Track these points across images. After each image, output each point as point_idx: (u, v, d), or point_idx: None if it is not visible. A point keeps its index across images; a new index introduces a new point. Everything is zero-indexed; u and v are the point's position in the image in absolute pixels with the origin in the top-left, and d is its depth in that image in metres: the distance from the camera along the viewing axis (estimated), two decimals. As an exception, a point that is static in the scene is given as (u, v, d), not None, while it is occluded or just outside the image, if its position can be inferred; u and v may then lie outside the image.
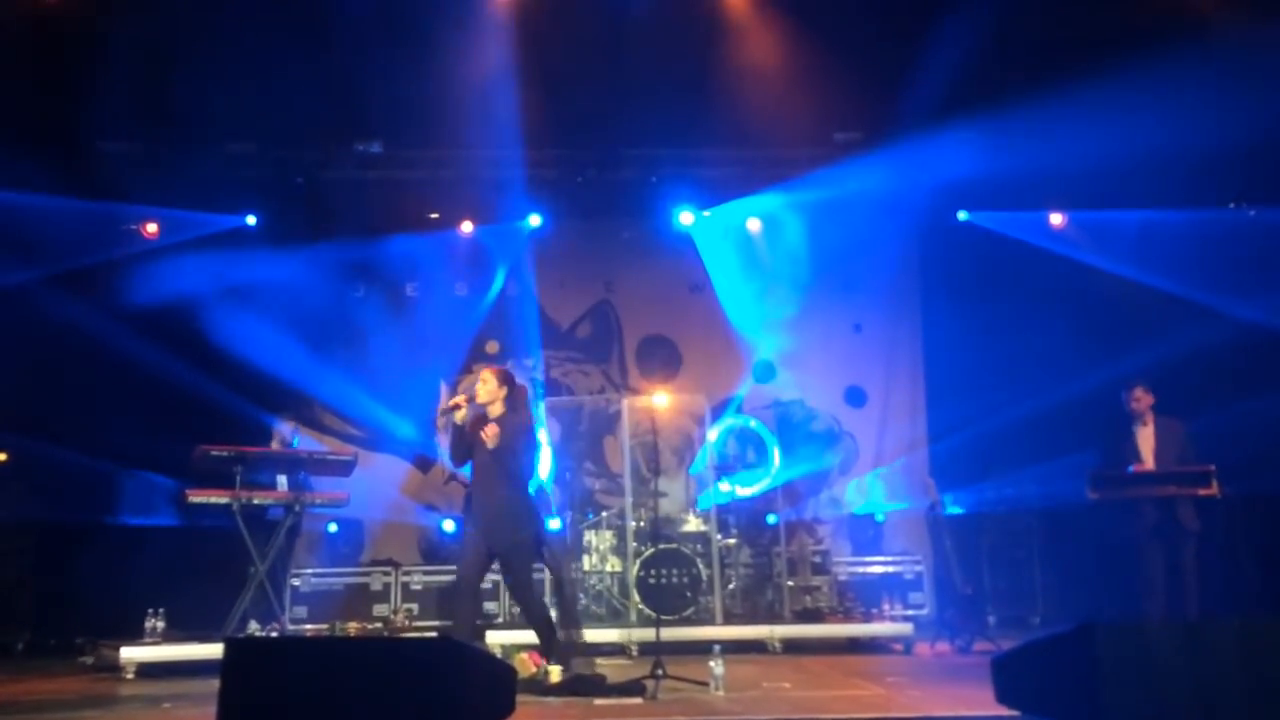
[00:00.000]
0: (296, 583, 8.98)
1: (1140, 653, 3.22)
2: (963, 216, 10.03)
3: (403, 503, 9.99)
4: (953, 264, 10.05)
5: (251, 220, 9.82)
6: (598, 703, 5.23)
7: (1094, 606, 8.33)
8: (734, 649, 6.90)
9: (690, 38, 7.82)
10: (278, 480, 7.58)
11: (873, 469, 10.37)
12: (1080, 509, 7.42)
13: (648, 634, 6.88)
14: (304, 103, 8.15)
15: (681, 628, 7.54)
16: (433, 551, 9.72)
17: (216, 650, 3.47)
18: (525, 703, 4.94)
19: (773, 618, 8.17)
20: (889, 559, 9.48)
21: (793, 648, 7.53)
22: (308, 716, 3.25)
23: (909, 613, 8.77)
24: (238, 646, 3.56)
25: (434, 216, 10.07)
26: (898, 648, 7.57)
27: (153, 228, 9.53)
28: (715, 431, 9.43)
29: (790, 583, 8.49)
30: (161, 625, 6.84)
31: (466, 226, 10.22)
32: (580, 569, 8.47)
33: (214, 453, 6.85)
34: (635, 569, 8.06)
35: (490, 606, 8.71)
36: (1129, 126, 7.51)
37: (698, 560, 8.07)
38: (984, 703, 4.15)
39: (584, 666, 6.10)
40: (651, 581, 8.00)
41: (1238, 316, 8.27)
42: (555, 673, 5.71)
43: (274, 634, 7.01)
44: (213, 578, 7.62)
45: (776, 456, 9.90)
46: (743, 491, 9.02)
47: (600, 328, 10.76)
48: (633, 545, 8.21)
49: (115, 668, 6.58)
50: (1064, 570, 9.25)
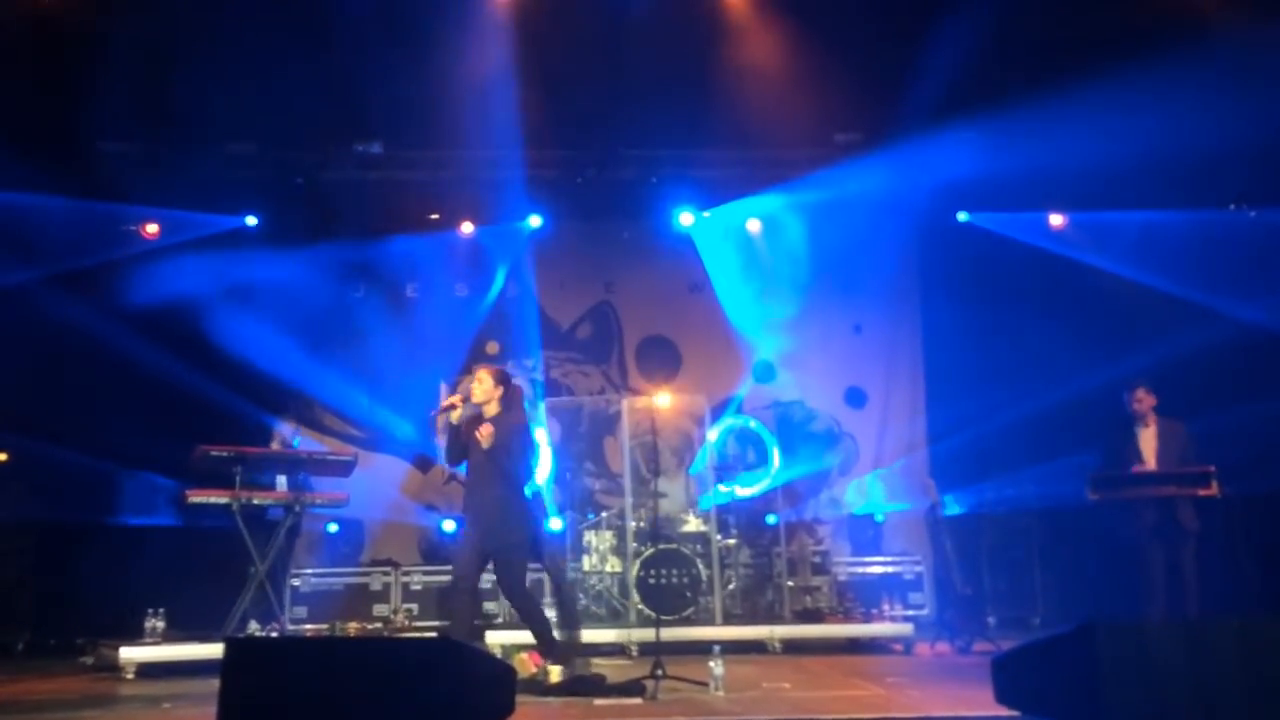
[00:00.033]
0: (296, 583, 8.98)
1: (1140, 653, 3.23)
2: (963, 217, 10.03)
3: (403, 503, 9.99)
4: (953, 265, 10.05)
5: (252, 221, 9.83)
6: (597, 703, 5.23)
7: (1094, 607, 8.31)
8: (734, 649, 6.89)
9: (690, 38, 7.81)
10: (278, 480, 7.60)
11: (873, 470, 10.37)
12: (1080, 509, 7.42)
13: (647, 634, 6.88)
14: (304, 103, 8.15)
15: (681, 628, 7.55)
16: (433, 552, 9.72)
17: (216, 650, 3.48)
18: (525, 703, 4.94)
19: (772, 618, 8.18)
20: (889, 559, 9.48)
21: (792, 648, 7.54)
22: (307, 716, 3.25)
23: (909, 613, 8.76)
24: (238, 646, 3.56)
25: (434, 217, 10.06)
26: (898, 648, 7.57)
27: (153, 228, 9.54)
28: (715, 432, 9.42)
29: (790, 583, 8.49)
30: (161, 625, 6.85)
31: (467, 227, 10.22)
32: (580, 569, 8.47)
33: (214, 453, 6.86)
34: (635, 569, 8.06)
35: (490, 607, 8.70)
36: (1129, 127, 7.51)
37: (698, 560, 8.07)
38: (984, 703, 4.15)
39: (582, 667, 6.11)
40: (651, 582, 8.00)
41: (1238, 317, 8.26)
42: (555, 673, 5.71)
43: (274, 634, 7.02)
44: (213, 578, 7.62)
45: (776, 457, 9.89)
46: (743, 492, 9.02)
47: (600, 328, 10.76)
48: (633, 545, 8.21)
49: (115, 668, 6.59)
50: (1064, 571, 9.25)
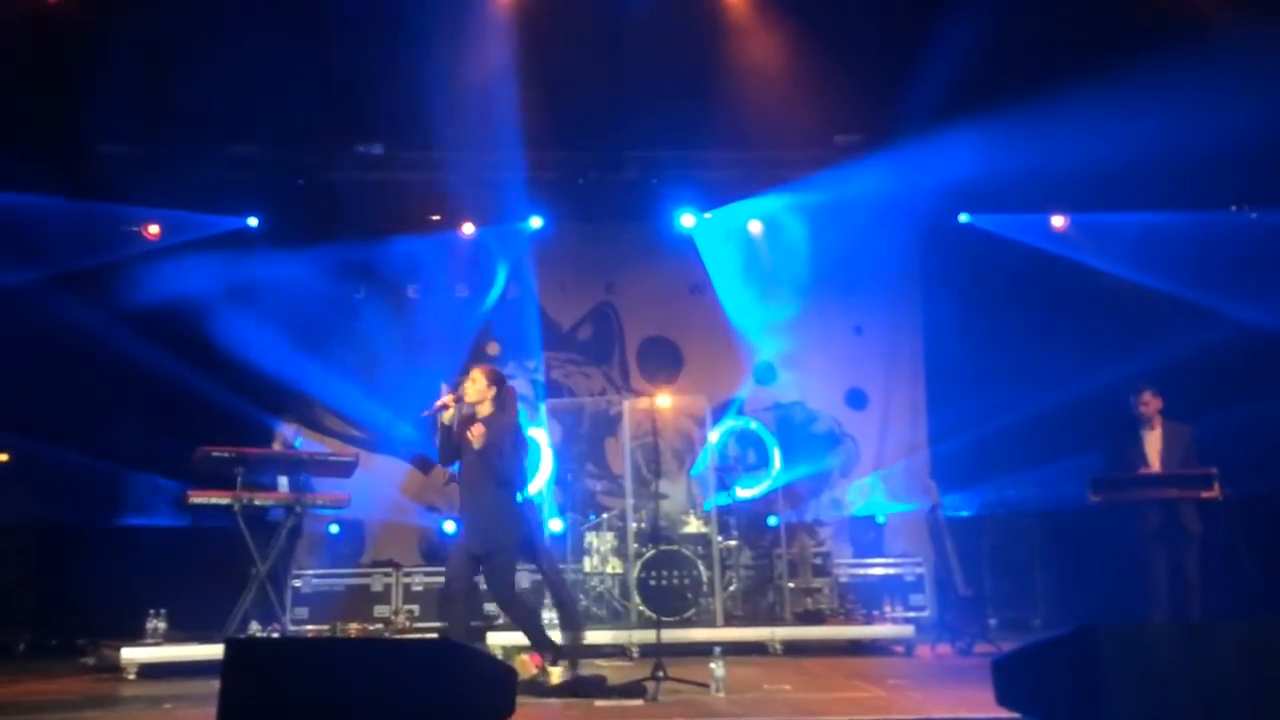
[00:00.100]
0: (298, 584, 8.98)
1: (1140, 655, 3.22)
2: (964, 219, 10.02)
3: (404, 504, 9.99)
4: (953, 266, 10.05)
5: (253, 222, 9.83)
6: (598, 704, 5.23)
7: (1095, 609, 8.31)
8: (735, 651, 6.89)
9: (692, 39, 7.81)
10: (279, 481, 7.60)
11: (873, 471, 10.36)
12: (1081, 511, 7.43)
13: (648, 636, 6.88)
14: (306, 104, 8.15)
15: (682, 629, 7.55)
16: (434, 553, 9.71)
17: (218, 651, 3.48)
18: (525, 704, 4.94)
19: (773, 620, 8.17)
20: (890, 561, 9.46)
21: (793, 650, 7.54)
22: (307, 717, 3.25)
23: (910, 615, 8.74)
24: (238, 647, 3.57)
25: (435, 218, 10.06)
26: (899, 650, 7.56)
27: (154, 229, 9.54)
28: (716, 433, 9.42)
29: (791, 584, 8.48)
30: (163, 626, 6.85)
31: (468, 228, 10.22)
32: (581, 570, 8.47)
33: (215, 454, 6.87)
34: (636, 570, 8.06)
35: (491, 608, 8.69)
36: (1130, 128, 7.50)
37: (698, 562, 8.07)
38: (985, 705, 4.15)
39: (583, 668, 6.11)
40: (652, 583, 8.00)
41: (1239, 318, 8.25)
42: (556, 674, 5.72)
43: (275, 635, 7.02)
44: (214, 579, 7.63)
45: (777, 458, 9.90)
46: (744, 493, 9.02)
47: (601, 329, 10.76)
48: (633, 547, 8.20)
49: (116, 668, 6.59)
50: (1065, 572, 9.23)
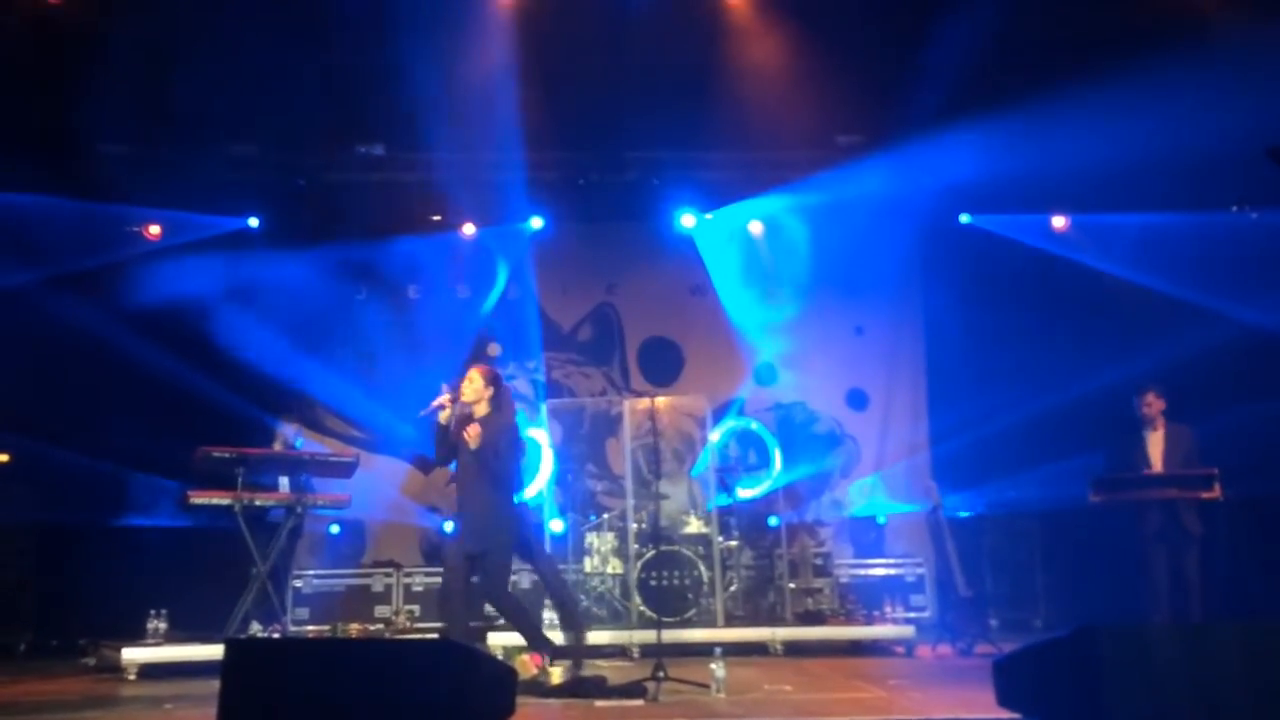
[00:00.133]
0: (298, 584, 8.98)
1: (1141, 656, 3.22)
2: (965, 219, 10.02)
3: (404, 504, 9.99)
4: (954, 267, 10.04)
5: (254, 222, 9.83)
6: (598, 705, 5.22)
7: (1096, 610, 8.31)
8: (735, 651, 6.89)
9: (692, 40, 7.81)
10: (280, 482, 7.60)
11: (874, 471, 10.35)
12: (1082, 512, 7.42)
13: (649, 636, 6.89)
14: (306, 105, 8.15)
15: (683, 630, 7.55)
16: (434, 553, 9.71)
17: (218, 651, 3.47)
18: (526, 705, 4.94)
19: (774, 620, 8.17)
20: (891, 561, 9.45)
21: (794, 650, 7.53)
22: (307, 718, 3.25)
23: (911, 615, 8.74)
24: (238, 648, 3.56)
25: (436, 219, 10.06)
26: (899, 650, 7.56)
27: (155, 229, 9.55)
28: (717, 434, 9.42)
29: (792, 585, 8.48)
30: (163, 626, 6.86)
31: (468, 229, 10.22)
32: (582, 571, 8.47)
33: (216, 454, 6.87)
34: (637, 571, 8.06)
35: (490, 608, 8.68)
36: (1131, 129, 7.49)
37: (699, 562, 8.07)
38: (986, 705, 4.14)
39: (584, 668, 6.11)
40: (653, 583, 8.00)
41: (1240, 319, 8.24)
42: (556, 674, 5.72)
43: (275, 635, 7.02)
44: (215, 579, 7.63)
45: (778, 459, 9.89)
46: (744, 494, 9.01)
47: (602, 330, 10.76)
48: (634, 547, 8.20)
49: (117, 669, 6.60)
50: (1066, 573, 9.23)
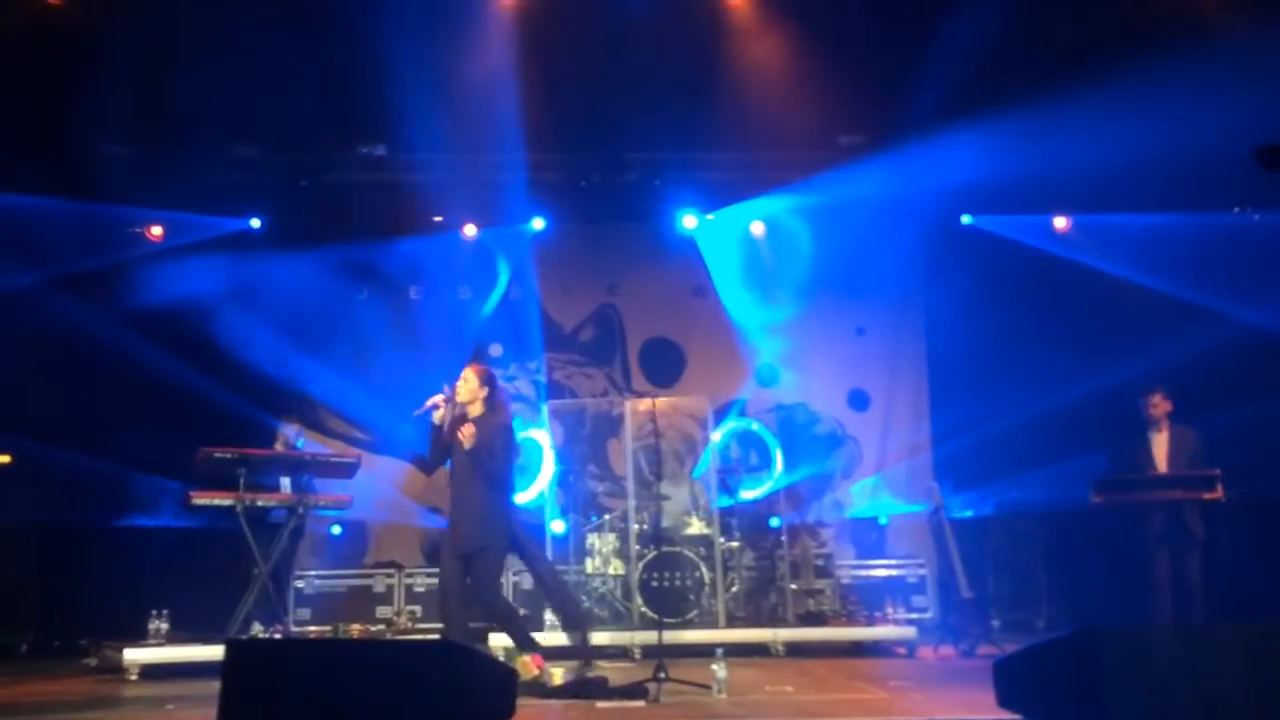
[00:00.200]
0: (300, 584, 8.98)
1: (1141, 657, 3.21)
2: (966, 220, 10.01)
3: (406, 505, 9.99)
4: (956, 267, 10.02)
5: (255, 223, 9.83)
6: (600, 706, 5.23)
7: (1098, 611, 8.30)
8: (737, 652, 6.88)
9: (694, 41, 7.81)
10: (281, 482, 7.61)
11: (876, 472, 10.35)
12: (1084, 513, 7.41)
13: (650, 637, 6.89)
14: (308, 106, 8.17)
15: (684, 631, 7.55)
16: (436, 553, 9.67)
17: (220, 652, 3.47)
18: (527, 705, 4.94)
19: (776, 621, 8.17)
20: (892, 562, 9.44)
21: (796, 651, 7.53)
22: (307, 718, 3.25)
23: (912, 616, 8.72)
24: (238, 648, 3.56)
25: (437, 219, 10.06)
26: (901, 651, 7.55)
27: (157, 230, 9.56)
28: (718, 434, 9.42)
29: (793, 586, 8.47)
30: (165, 627, 6.87)
31: (470, 230, 10.22)
32: (583, 572, 8.47)
33: (217, 455, 6.87)
34: (638, 572, 8.06)
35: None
36: (1133, 129, 7.47)
37: (700, 563, 8.06)
38: (987, 707, 4.13)
39: (586, 669, 6.10)
40: (654, 584, 8.00)
41: (1243, 320, 8.23)
42: (557, 675, 5.72)
43: (277, 635, 7.02)
44: (217, 579, 7.64)
45: (779, 460, 9.89)
46: (746, 495, 9.01)
47: (603, 331, 10.76)
48: (635, 548, 8.20)
49: (119, 669, 6.61)
50: (1068, 574, 9.22)
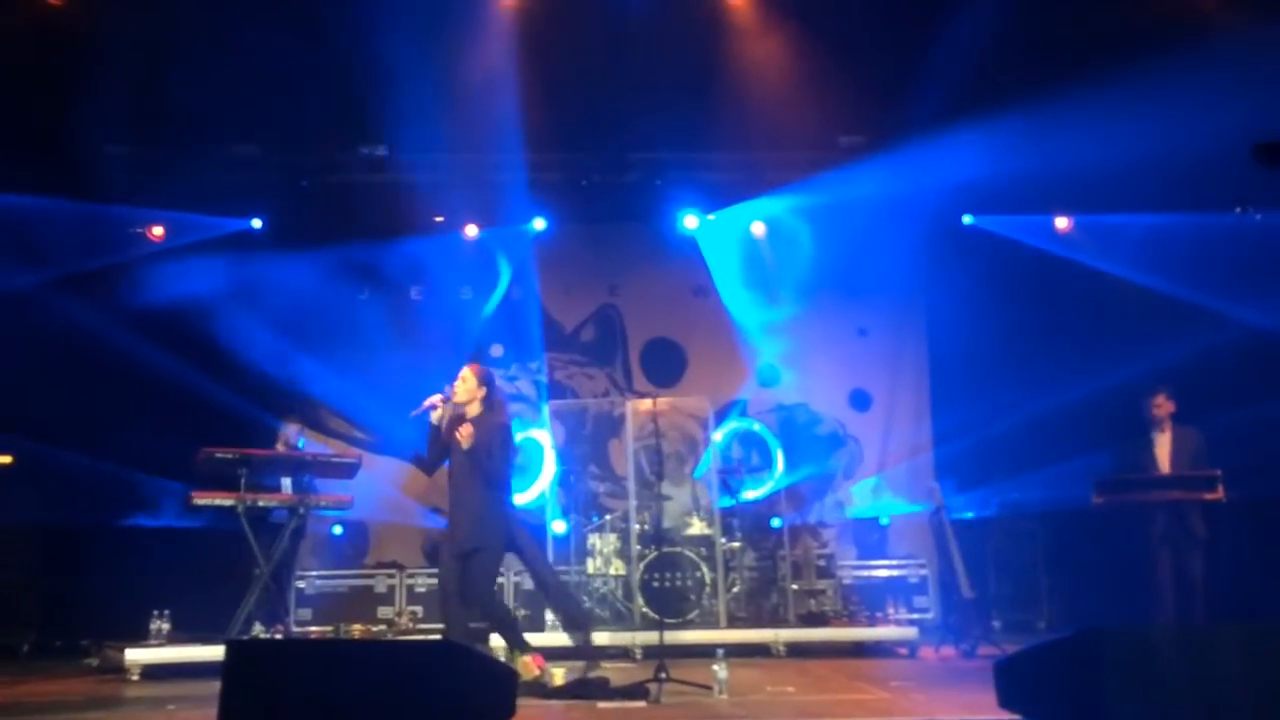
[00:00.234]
0: (301, 585, 8.98)
1: (1142, 658, 3.21)
2: (967, 220, 10.00)
3: (407, 505, 9.98)
4: (957, 268, 10.00)
5: (257, 223, 9.84)
6: (601, 706, 5.23)
7: (1100, 611, 8.29)
8: (738, 653, 6.88)
9: (694, 41, 7.81)
10: (282, 483, 7.61)
11: (877, 473, 10.34)
12: (1086, 513, 7.40)
13: (651, 637, 6.89)
14: (310, 106, 8.18)
15: (685, 631, 7.55)
16: (437, 554, 9.68)
17: (221, 652, 3.47)
18: (529, 706, 4.94)
19: (777, 621, 8.17)
20: (894, 563, 9.43)
21: (797, 651, 7.53)
22: (308, 719, 3.25)
23: (914, 617, 8.71)
24: (238, 649, 3.56)
25: (439, 220, 10.06)
26: (903, 652, 7.55)
27: (158, 231, 9.56)
28: (719, 435, 9.41)
29: (794, 586, 8.47)
30: (166, 627, 6.87)
31: (471, 230, 10.22)
32: (584, 572, 8.47)
33: (219, 455, 6.87)
34: (639, 572, 8.05)
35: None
36: (1134, 129, 7.47)
37: (702, 564, 8.06)
38: (989, 707, 4.13)
39: (591, 669, 6.09)
40: (655, 585, 8.00)
41: (1244, 321, 8.22)
42: (558, 676, 5.72)
43: (278, 636, 7.02)
44: (218, 580, 7.65)
45: (780, 460, 9.89)
46: (747, 495, 9.00)
47: (604, 331, 10.76)
48: (636, 548, 8.20)
49: (120, 669, 6.61)
50: (1070, 575, 9.21)
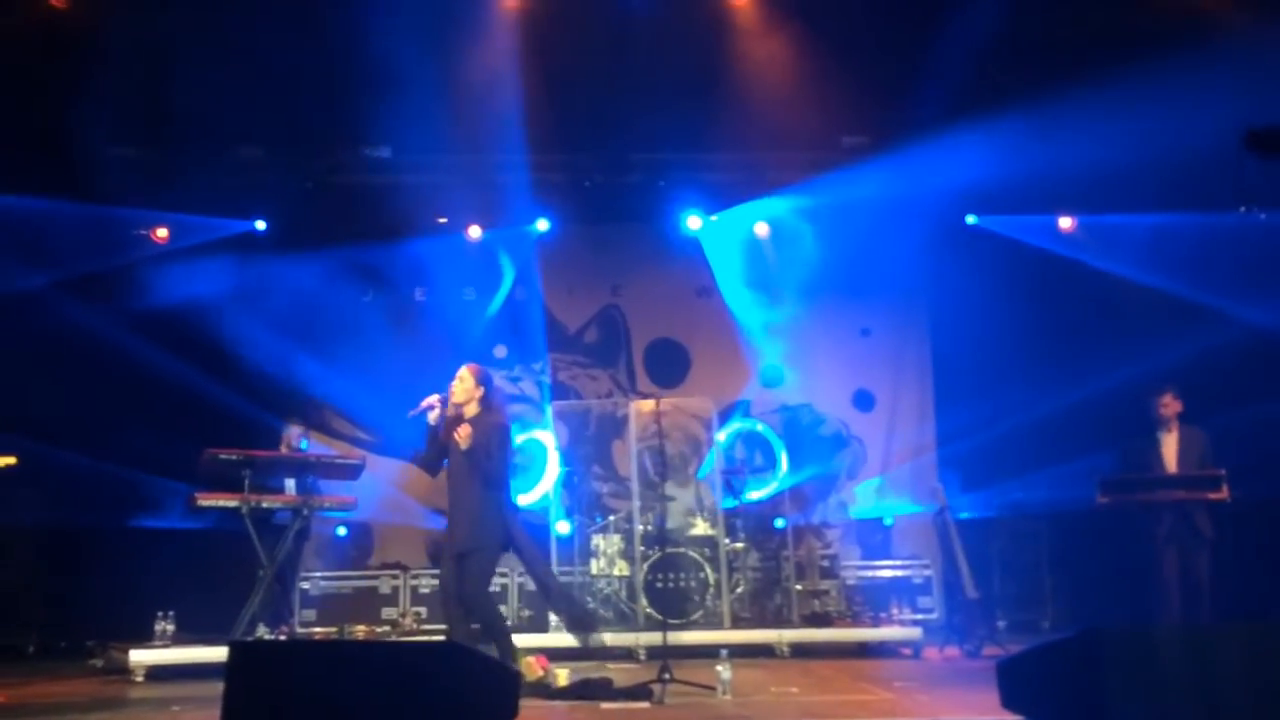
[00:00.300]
0: (305, 586, 8.99)
1: (1145, 658, 3.21)
2: (971, 220, 9.99)
3: (411, 506, 9.98)
4: (961, 268, 9.99)
5: (260, 225, 9.85)
6: (604, 707, 5.23)
7: (1105, 611, 8.28)
8: (742, 653, 6.88)
9: (697, 42, 7.81)
10: (286, 484, 7.61)
11: (881, 473, 10.33)
12: (1090, 513, 7.39)
13: (655, 638, 6.89)
14: (313, 108, 8.19)
15: (689, 632, 7.55)
16: (441, 555, 9.71)
17: (225, 653, 3.48)
18: (532, 707, 4.95)
19: (781, 622, 8.16)
20: (898, 563, 9.43)
21: (801, 652, 7.53)
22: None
23: (918, 617, 8.72)
24: (242, 650, 3.57)
25: (442, 221, 10.07)
26: (906, 652, 7.55)
27: (163, 232, 9.57)
28: (723, 435, 9.41)
29: (798, 587, 8.47)
30: (171, 628, 6.88)
31: (474, 231, 10.23)
32: (588, 573, 8.47)
33: (223, 456, 6.88)
34: (643, 573, 8.06)
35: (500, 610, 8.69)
36: (1138, 129, 7.46)
37: (705, 564, 8.06)
38: (993, 708, 4.13)
39: (589, 670, 6.10)
40: (659, 585, 8.00)
41: (1249, 320, 8.21)
42: (562, 676, 5.72)
43: (282, 637, 7.03)
44: (222, 581, 7.66)
45: (784, 461, 9.88)
46: (751, 495, 9.00)
47: (608, 332, 10.76)
48: (640, 549, 8.20)
49: (125, 670, 6.63)
50: (1074, 575, 9.20)
